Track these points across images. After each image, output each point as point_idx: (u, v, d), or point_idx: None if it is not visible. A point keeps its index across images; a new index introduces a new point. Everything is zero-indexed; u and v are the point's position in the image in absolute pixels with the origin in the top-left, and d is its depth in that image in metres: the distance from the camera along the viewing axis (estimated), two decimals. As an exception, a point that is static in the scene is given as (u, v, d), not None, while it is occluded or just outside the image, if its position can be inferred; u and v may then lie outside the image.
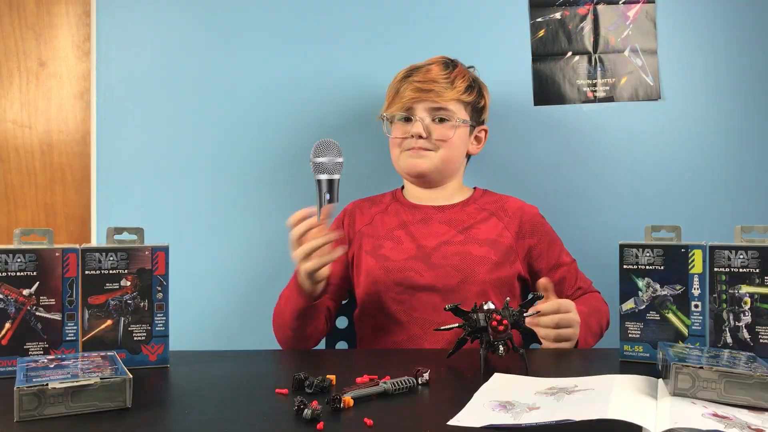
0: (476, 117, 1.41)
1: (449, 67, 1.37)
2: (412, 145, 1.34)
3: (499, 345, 0.92)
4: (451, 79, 1.34)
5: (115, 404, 0.75)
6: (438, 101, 1.32)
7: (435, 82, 1.32)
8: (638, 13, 1.73)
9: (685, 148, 1.72)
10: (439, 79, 1.33)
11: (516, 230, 1.36)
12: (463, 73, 1.37)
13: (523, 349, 0.96)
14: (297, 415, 0.71)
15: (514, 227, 1.36)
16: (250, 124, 1.76)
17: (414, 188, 1.43)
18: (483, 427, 0.67)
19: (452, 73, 1.35)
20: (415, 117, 1.33)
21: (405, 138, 1.35)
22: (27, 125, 1.82)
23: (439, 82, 1.32)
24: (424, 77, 1.33)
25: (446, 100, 1.33)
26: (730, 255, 0.95)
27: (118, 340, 0.96)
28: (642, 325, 1.00)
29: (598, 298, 1.37)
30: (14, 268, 0.91)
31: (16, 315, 0.91)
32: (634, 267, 1.00)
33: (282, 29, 1.76)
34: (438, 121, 1.34)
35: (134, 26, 1.76)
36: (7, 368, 0.90)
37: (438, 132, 1.33)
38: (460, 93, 1.34)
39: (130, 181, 1.76)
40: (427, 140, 1.33)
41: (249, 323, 1.75)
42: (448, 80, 1.33)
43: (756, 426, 0.65)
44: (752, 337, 0.94)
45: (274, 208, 1.76)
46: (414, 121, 1.33)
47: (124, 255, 0.96)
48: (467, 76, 1.38)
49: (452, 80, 1.34)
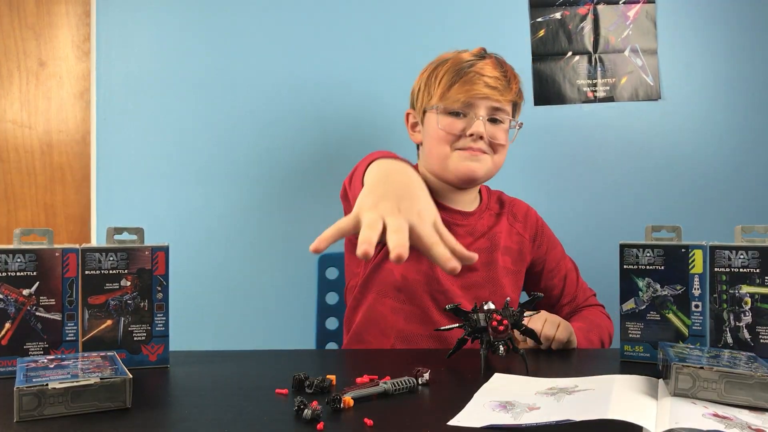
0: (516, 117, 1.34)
1: (503, 65, 1.28)
2: (468, 144, 1.22)
3: (499, 345, 0.91)
4: (508, 79, 1.25)
5: (115, 404, 0.74)
6: (500, 101, 1.23)
7: (498, 81, 1.23)
8: (638, 13, 1.73)
9: (685, 148, 1.73)
10: (501, 77, 1.24)
11: (531, 236, 1.35)
12: (514, 73, 1.29)
13: (523, 349, 0.96)
14: (297, 415, 0.71)
15: (530, 233, 1.35)
16: (249, 123, 1.76)
17: (443, 187, 1.30)
18: (483, 428, 0.67)
19: (507, 72, 1.26)
20: (475, 115, 1.22)
21: (459, 136, 1.23)
22: (27, 125, 1.82)
23: (501, 80, 1.23)
24: (491, 73, 1.23)
25: (506, 101, 1.24)
26: (730, 255, 0.95)
27: (118, 340, 0.96)
28: (642, 325, 0.99)
29: (599, 314, 1.32)
30: (14, 268, 0.91)
31: (16, 315, 0.91)
32: (635, 267, 1.00)
33: (282, 30, 1.76)
34: (491, 121, 1.24)
35: (134, 26, 1.76)
36: (7, 368, 0.90)
37: (495, 134, 1.24)
38: (515, 94, 1.27)
39: (130, 181, 1.76)
40: (483, 141, 1.23)
41: (249, 323, 1.75)
42: (506, 79, 1.25)
43: (756, 426, 0.65)
44: (753, 337, 0.94)
45: (274, 207, 1.76)
46: (473, 119, 1.22)
47: (124, 255, 0.96)
48: (517, 76, 1.30)
49: (509, 80, 1.26)
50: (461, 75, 1.23)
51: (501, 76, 1.24)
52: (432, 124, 1.25)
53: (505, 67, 1.28)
